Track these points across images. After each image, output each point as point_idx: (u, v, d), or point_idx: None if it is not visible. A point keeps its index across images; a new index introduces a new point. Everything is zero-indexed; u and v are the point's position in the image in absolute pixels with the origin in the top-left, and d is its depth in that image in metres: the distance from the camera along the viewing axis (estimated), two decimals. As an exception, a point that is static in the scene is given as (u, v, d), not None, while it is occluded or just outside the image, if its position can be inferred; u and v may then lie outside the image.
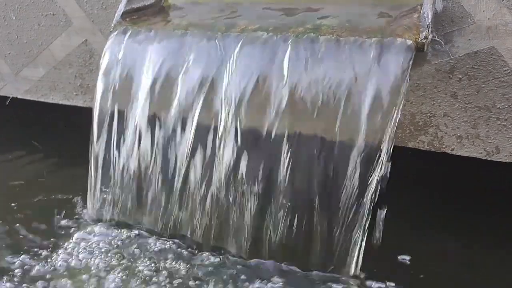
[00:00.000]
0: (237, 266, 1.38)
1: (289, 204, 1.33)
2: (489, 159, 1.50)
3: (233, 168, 1.35)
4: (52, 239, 1.51)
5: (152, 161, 1.47)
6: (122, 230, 1.51)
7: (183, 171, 1.41)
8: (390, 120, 1.24)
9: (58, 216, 1.61)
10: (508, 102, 1.43)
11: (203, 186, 1.40)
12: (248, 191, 1.34)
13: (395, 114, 1.23)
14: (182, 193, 1.43)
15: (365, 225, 1.25)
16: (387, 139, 1.24)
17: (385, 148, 1.24)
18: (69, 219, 1.60)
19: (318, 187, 1.29)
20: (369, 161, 1.25)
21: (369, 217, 1.25)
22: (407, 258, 1.43)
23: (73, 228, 1.55)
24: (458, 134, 1.51)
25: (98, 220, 1.57)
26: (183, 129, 1.42)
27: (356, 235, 1.26)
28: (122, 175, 1.51)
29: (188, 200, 1.42)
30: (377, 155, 1.24)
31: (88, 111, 1.56)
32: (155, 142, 1.46)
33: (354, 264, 1.28)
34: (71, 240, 1.49)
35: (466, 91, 1.46)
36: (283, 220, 1.34)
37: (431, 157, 1.58)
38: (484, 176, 1.66)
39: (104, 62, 1.53)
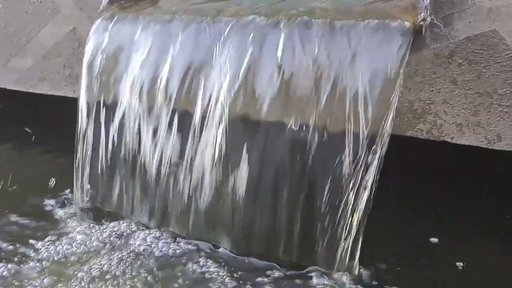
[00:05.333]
0: (226, 261, 1.33)
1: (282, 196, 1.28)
2: (490, 147, 1.44)
3: (222, 157, 1.30)
4: (40, 226, 1.49)
5: (141, 149, 1.42)
6: (106, 220, 1.48)
7: (170, 159, 1.36)
8: (388, 107, 1.18)
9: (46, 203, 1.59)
10: (510, 87, 1.37)
11: (191, 175, 1.35)
12: (238, 180, 1.29)
13: (394, 100, 1.18)
14: (169, 181, 1.38)
15: (361, 219, 1.19)
16: (386, 127, 1.18)
17: (382, 136, 1.18)
18: (56, 207, 1.58)
19: (312, 177, 1.24)
20: (365, 150, 1.19)
21: (366, 211, 1.20)
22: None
23: (60, 217, 1.53)
24: (458, 122, 1.45)
25: (84, 209, 1.54)
26: (171, 117, 1.37)
27: (352, 229, 1.20)
28: (110, 164, 1.47)
29: (177, 189, 1.37)
30: (374, 144, 1.19)
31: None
32: (144, 129, 1.41)
33: (349, 259, 1.22)
34: (57, 228, 1.47)
35: (466, 77, 1.41)
36: (274, 214, 1.29)
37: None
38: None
39: (88, 48, 1.48)
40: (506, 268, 1.37)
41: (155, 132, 1.39)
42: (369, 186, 1.18)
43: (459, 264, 1.35)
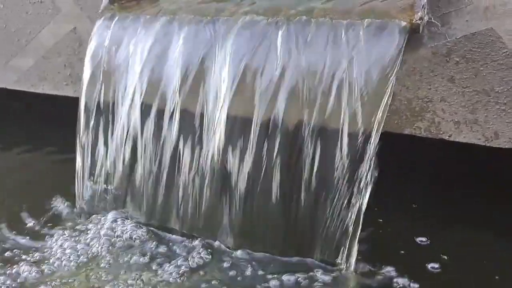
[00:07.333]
0: (228, 257, 1.34)
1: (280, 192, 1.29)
2: (487, 145, 1.45)
3: (222, 157, 1.31)
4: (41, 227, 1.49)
5: (142, 150, 1.43)
6: (109, 220, 1.47)
7: (171, 159, 1.37)
8: (381, 105, 1.19)
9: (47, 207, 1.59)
10: (507, 85, 1.38)
11: (192, 175, 1.36)
12: (238, 178, 1.31)
13: (386, 98, 1.19)
14: (170, 182, 1.39)
15: (358, 213, 1.20)
16: (378, 124, 1.19)
17: (375, 134, 1.20)
18: (58, 211, 1.58)
19: (309, 174, 1.25)
20: (358, 148, 1.20)
21: (363, 205, 1.21)
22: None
23: (61, 220, 1.53)
24: (456, 120, 1.46)
25: (86, 212, 1.54)
26: (172, 116, 1.38)
27: (350, 223, 1.22)
28: (112, 165, 1.48)
29: (177, 190, 1.39)
30: (367, 142, 1.20)
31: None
32: (145, 129, 1.42)
33: (347, 253, 1.24)
34: (60, 232, 1.46)
35: (464, 75, 1.42)
36: (273, 210, 1.31)
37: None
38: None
39: (90, 48, 1.49)
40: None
41: (158, 130, 1.40)
42: (367, 182, 1.19)
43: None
